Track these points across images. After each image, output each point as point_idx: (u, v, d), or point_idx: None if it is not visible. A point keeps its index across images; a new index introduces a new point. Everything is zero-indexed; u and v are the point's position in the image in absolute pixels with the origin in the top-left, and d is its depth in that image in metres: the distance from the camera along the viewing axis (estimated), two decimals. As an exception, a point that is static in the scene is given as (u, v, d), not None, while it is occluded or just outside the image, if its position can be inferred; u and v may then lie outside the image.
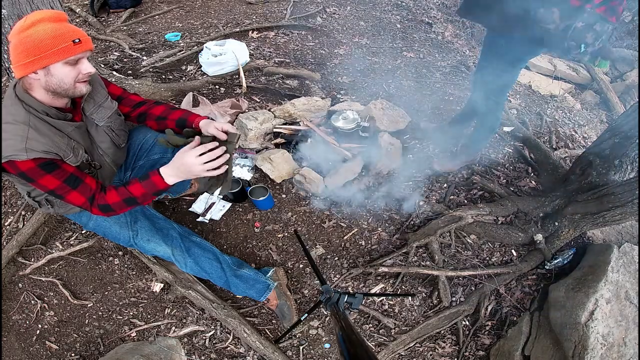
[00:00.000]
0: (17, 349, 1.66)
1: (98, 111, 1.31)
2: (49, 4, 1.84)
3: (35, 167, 1.10)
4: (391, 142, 2.24)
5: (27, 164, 1.09)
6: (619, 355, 1.55)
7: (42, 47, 1.02)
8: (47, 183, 1.14)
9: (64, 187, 1.17)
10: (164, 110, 1.45)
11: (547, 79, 3.50)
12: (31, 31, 1.02)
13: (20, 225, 1.90)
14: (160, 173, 1.22)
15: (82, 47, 1.07)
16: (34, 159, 1.08)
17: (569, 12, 1.37)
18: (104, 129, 1.34)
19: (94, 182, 1.24)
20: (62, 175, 1.16)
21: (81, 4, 3.92)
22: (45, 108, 1.13)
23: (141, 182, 1.23)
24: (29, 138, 1.07)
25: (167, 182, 1.23)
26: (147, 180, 1.23)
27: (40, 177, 1.12)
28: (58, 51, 1.03)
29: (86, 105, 1.28)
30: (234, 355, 1.68)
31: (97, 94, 1.31)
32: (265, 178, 2.15)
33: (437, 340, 1.78)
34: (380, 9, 3.99)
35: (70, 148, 1.18)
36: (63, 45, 1.03)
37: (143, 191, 1.24)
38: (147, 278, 1.82)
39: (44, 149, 1.09)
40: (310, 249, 1.94)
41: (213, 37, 3.29)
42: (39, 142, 1.09)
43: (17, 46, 1.03)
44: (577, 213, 1.80)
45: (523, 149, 2.48)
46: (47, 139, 1.11)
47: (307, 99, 2.49)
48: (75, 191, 1.19)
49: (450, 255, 1.93)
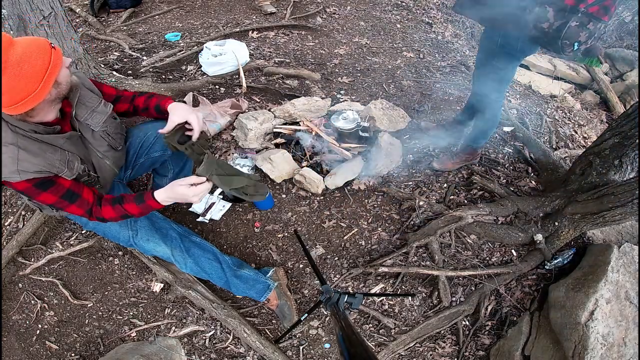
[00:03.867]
0: (17, 349, 1.66)
1: (92, 116, 1.29)
2: (49, 4, 1.84)
3: (31, 187, 1.12)
4: (391, 142, 2.24)
5: (23, 185, 1.10)
6: (619, 355, 1.55)
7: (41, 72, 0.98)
8: (44, 199, 1.16)
9: (61, 202, 1.19)
10: (145, 99, 1.48)
11: (547, 79, 3.50)
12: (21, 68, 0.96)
13: (20, 225, 1.90)
14: (155, 198, 1.25)
15: (57, 51, 1.04)
16: (28, 180, 1.09)
17: (563, 12, 1.38)
18: (100, 133, 1.32)
19: (91, 195, 1.26)
20: (59, 191, 1.17)
21: (81, 4, 3.92)
22: (32, 126, 1.10)
23: (137, 204, 1.27)
24: (20, 160, 1.06)
25: (161, 205, 1.27)
26: (143, 203, 1.27)
27: (37, 195, 1.15)
28: (54, 67, 1.01)
29: (79, 112, 1.25)
30: (234, 355, 1.68)
31: (89, 100, 1.28)
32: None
33: (437, 340, 1.78)
34: (380, 9, 3.99)
35: (64, 162, 1.17)
36: (54, 57, 1.01)
37: (139, 210, 1.29)
38: (147, 278, 1.82)
39: (36, 170, 1.09)
40: (310, 249, 1.94)
41: (213, 37, 3.30)
42: (30, 163, 1.08)
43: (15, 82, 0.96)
44: (577, 213, 1.80)
45: (523, 149, 2.48)
46: (38, 159, 1.09)
47: (307, 99, 2.49)
48: (73, 205, 1.22)
49: (450, 255, 1.93)
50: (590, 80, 3.71)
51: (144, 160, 1.62)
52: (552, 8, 1.40)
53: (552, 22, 1.41)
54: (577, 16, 1.36)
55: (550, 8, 1.40)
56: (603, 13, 1.37)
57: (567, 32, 1.39)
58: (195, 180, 1.21)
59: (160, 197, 1.25)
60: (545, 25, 1.43)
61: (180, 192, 1.21)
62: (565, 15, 1.38)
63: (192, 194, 1.21)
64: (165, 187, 1.24)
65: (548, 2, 1.40)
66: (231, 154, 2.27)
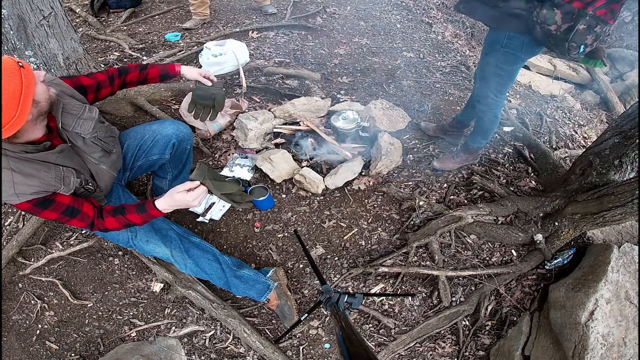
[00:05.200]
0: (17, 349, 1.66)
1: (80, 124, 1.26)
2: (49, 4, 1.84)
3: (32, 207, 1.14)
4: (391, 142, 2.24)
5: (23, 205, 1.12)
6: (619, 355, 1.55)
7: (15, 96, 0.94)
8: (46, 216, 1.19)
9: (63, 218, 1.21)
10: (139, 73, 1.52)
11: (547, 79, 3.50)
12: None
13: (20, 225, 1.90)
14: (157, 207, 1.27)
15: (27, 69, 0.99)
16: (27, 201, 1.11)
17: (571, 14, 1.38)
18: (92, 140, 1.31)
19: (91, 208, 1.27)
20: (59, 208, 1.19)
21: (81, 4, 3.92)
22: (22, 147, 1.09)
23: (139, 213, 1.28)
24: (16, 183, 1.07)
25: (163, 213, 1.29)
26: (145, 213, 1.28)
27: (39, 213, 1.17)
28: (27, 90, 0.97)
29: (65, 121, 1.22)
30: (234, 355, 1.68)
31: (72, 107, 1.25)
32: (265, 178, 2.15)
33: (437, 340, 1.78)
34: (380, 9, 3.99)
35: (59, 179, 1.16)
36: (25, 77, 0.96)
37: (142, 219, 1.31)
38: (147, 278, 1.82)
39: (32, 191, 1.10)
40: (310, 249, 1.94)
41: (213, 37, 3.30)
42: (26, 186, 1.09)
43: None
44: (577, 213, 1.80)
45: (523, 149, 2.48)
46: (34, 180, 1.09)
47: (307, 99, 2.49)
48: (75, 219, 1.24)
49: (450, 255, 1.93)
50: (590, 80, 3.71)
51: (142, 162, 1.62)
52: (560, 10, 1.39)
53: (559, 25, 1.41)
54: (585, 19, 1.36)
55: (559, 10, 1.40)
56: (610, 16, 1.38)
57: (575, 34, 1.39)
58: (191, 185, 1.24)
59: (162, 206, 1.26)
60: (553, 27, 1.43)
61: (179, 199, 1.23)
62: (573, 18, 1.38)
63: (191, 199, 1.23)
64: (165, 196, 1.26)
65: (556, 4, 1.40)
66: (231, 154, 2.27)
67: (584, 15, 1.36)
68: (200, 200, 1.26)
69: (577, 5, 1.37)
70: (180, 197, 1.23)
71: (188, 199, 1.23)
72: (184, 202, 1.24)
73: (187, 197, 1.23)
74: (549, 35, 1.45)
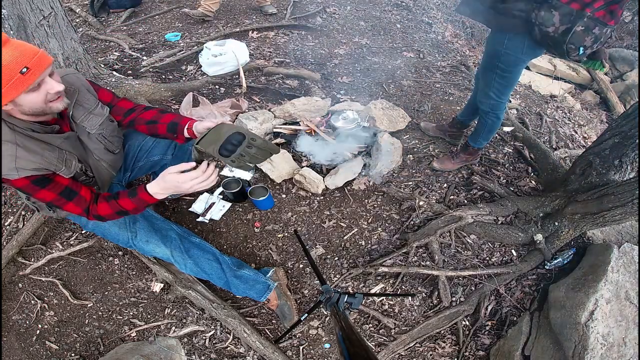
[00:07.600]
0: (17, 349, 1.66)
1: (89, 119, 1.28)
2: (49, 4, 1.84)
3: (29, 184, 1.12)
4: (391, 142, 2.24)
5: (21, 182, 1.11)
6: (619, 355, 1.55)
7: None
8: (43, 196, 1.17)
9: (59, 199, 1.19)
10: (155, 114, 1.43)
11: (547, 79, 3.51)
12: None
13: (20, 225, 1.90)
14: (148, 190, 1.22)
15: (35, 73, 0.98)
16: (26, 177, 1.10)
17: (569, 16, 1.38)
18: (96, 136, 1.31)
19: (88, 193, 1.25)
20: (57, 188, 1.17)
21: (81, 4, 3.92)
22: (30, 125, 1.10)
23: (130, 198, 1.25)
24: (18, 157, 1.07)
25: (155, 198, 1.23)
26: (136, 197, 1.24)
27: (35, 192, 1.15)
28: (9, 88, 0.97)
29: (76, 113, 1.24)
30: (234, 355, 1.68)
31: (86, 101, 1.27)
32: (265, 178, 2.15)
33: (437, 340, 1.78)
34: (380, 9, 3.99)
35: (62, 161, 1.17)
36: (13, 80, 0.96)
37: (134, 206, 1.26)
38: (147, 278, 1.82)
39: (33, 167, 1.10)
40: (310, 249, 1.94)
41: (213, 37, 3.30)
42: (28, 161, 1.08)
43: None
44: (577, 213, 1.80)
45: (523, 149, 2.48)
46: (36, 157, 1.10)
47: (307, 99, 2.49)
48: (71, 202, 1.22)
49: (450, 255, 1.93)
50: (590, 80, 3.72)
51: (143, 163, 1.62)
52: (558, 12, 1.39)
53: (557, 26, 1.41)
54: (583, 21, 1.36)
55: (557, 12, 1.39)
56: (609, 18, 1.37)
57: (573, 36, 1.39)
58: (185, 166, 1.17)
59: (153, 189, 1.21)
60: (551, 29, 1.43)
61: (170, 180, 1.17)
62: (571, 20, 1.38)
63: (181, 180, 1.15)
64: (157, 179, 1.21)
65: (554, 6, 1.40)
66: (231, 154, 2.27)
67: (582, 16, 1.36)
68: (192, 185, 1.16)
69: (575, 6, 1.37)
70: (170, 178, 1.16)
71: (179, 180, 1.15)
72: (174, 185, 1.17)
73: (178, 179, 1.15)
74: (548, 37, 1.45)
